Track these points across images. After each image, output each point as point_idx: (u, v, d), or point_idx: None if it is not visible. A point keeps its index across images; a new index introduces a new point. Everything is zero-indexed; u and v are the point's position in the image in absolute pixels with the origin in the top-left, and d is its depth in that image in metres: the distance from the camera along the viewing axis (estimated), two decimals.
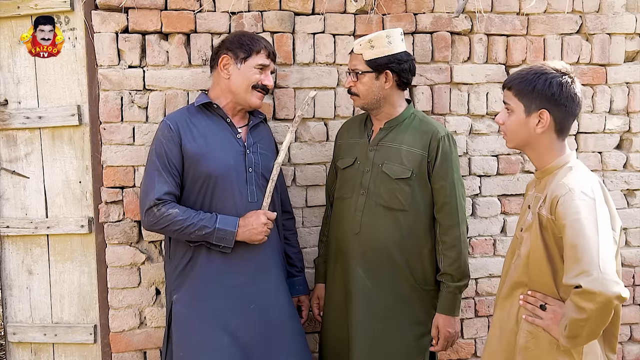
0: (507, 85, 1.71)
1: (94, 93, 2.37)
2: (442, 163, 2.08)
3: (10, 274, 2.52)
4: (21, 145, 2.46)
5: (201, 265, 2.03)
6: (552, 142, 1.67)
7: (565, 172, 1.62)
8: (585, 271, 1.40)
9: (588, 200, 1.50)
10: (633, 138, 2.71)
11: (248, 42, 2.08)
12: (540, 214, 1.61)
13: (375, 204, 2.11)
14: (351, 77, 2.13)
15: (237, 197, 2.05)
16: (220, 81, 2.11)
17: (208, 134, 2.06)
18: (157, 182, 1.99)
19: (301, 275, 2.35)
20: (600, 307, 1.40)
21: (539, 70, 1.65)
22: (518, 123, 1.67)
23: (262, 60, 2.08)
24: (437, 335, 2.13)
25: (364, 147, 2.18)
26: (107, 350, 2.45)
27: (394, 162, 2.10)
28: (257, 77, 2.08)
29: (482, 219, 2.64)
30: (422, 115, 2.21)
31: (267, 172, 2.13)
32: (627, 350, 2.80)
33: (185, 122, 2.06)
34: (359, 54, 2.10)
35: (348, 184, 2.19)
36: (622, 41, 2.66)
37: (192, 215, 1.97)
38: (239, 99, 2.10)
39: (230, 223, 1.99)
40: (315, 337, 2.59)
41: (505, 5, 2.57)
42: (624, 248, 2.75)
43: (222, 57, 2.09)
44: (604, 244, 1.43)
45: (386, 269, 2.11)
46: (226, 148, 2.07)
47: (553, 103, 1.62)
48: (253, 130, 2.17)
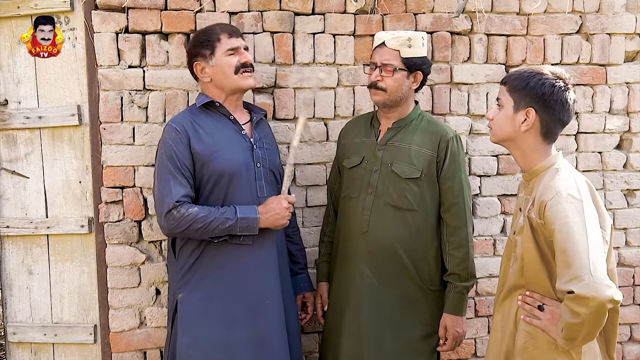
0: (503, 81, 1.73)
1: (94, 93, 2.37)
2: (451, 164, 2.10)
3: (10, 274, 2.52)
4: (21, 145, 2.46)
5: (208, 264, 2.03)
6: (537, 144, 1.67)
7: (552, 174, 1.62)
8: (576, 277, 1.42)
9: (576, 203, 1.51)
10: (633, 138, 2.71)
11: (205, 37, 2.07)
12: (530, 217, 1.62)
13: (384, 203, 2.11)
14: (379, 71, 2.08)
15: (247, 193, 2.05)
16: (207, 85, 2.12)
17: (215, 133, 2.06)
18: (173, 185, 1.96)
19: (305, 272, 2.35)
20: (594, 312, 1.41)
21: (536, 71, 1.66)
22: (505, 118, 1.68)
23: (228, 44, 2.06)
24: (445, 335, 2.14)
25: (371, 146, 2.17)
26: (107, 350, 2.45)
27: (403, 162, 2.10)
28: (233, 61, 2.06)
29: (482, 219, 2.64)
30: (430, 116, 2.23)
31: (273, 167, 2.14)
32: (627, 350, 2.80)
33: (190, 123, 2.05)
34: (395, 50, 2.06)
35: (355, 183, 2.18)
36: (622, 41, 2.66)
37: (212, 211, 1.96)
38: (229, 89, 2.10)
39: (251, 210, 1.99)
40: (315, 337, 2.59)
41: (505, 5, 2.57)
42: (624, 248, 2.75)
43: (194, 65, 2.10)
44: (593, 247, 1.44)
45: (393, 269, 2.11)
46: (234, 145, 2.07)
47: (542, 104, 1.62)
48: (257, 126, 2.17)
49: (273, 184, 2.14)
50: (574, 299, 1.42)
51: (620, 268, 2.73)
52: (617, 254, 2.73)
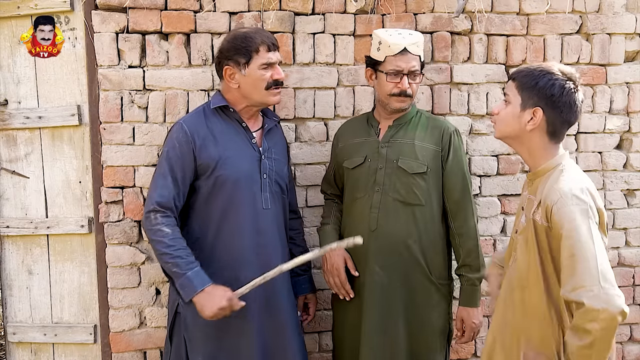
0: (512, 76, 1.69)
1: (94, 93, 2.37)
2: (454, 157, 2.14)
3: (10, 274, 2.52)
4: (21, 145, 2.46)
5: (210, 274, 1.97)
6: (544, 143, 1.66)
7: (557, 175, 1.61)
8: (584, 286, 1.41)
9: (581, 205, 1.50)
10: (633, 138, 2.71)
11: (244, 45, 1.98)
12: (535, 219, 1.61)
13: (392, 199, 2.11)
14: (408, 78, 2.07)
15: (251, 204, 2.01)
16: (231, 89, 2.05)
17: (224, 139, 2.02)
18: (162, 185, 1.96)
19: (307, 273, 2.32)
20: (606, 326, 1.39)
21: (546, 69, 1.63)
22: (512, 115, 1.66)
23: (265, 59, 1.99)
24: (462, 327, 2.17)
25: (373, 145, 2.18)
26: (107, 350, 2.45)
27: (409, 158, 2.11)
28: (266, 77, 1.99)
29: (482, 219, 2.64)
30: (427, 113, 2.27)
31: (279, 178, 2.10)
32: (627, 350, 2.80)
33: (201, 126, 2.01)
34: (417, 55, 2.09)
35: (359, 183, 2.18)
36: (622, 41, 2.66)
37: (177, 246, 1.90)
38: (254, 102, 2.05)
39: (200, 282, 1.88)
40: (315, 337, 2.59)
41: (505, 5, 2.56)
42: (624, 248, 2.75)
43: (224, 69, 2.02)
44: (601, 254, 1.44)
45: (404, 265, 2.12)
46: (242, 154, 2.03)
47: (550, 104, 1.60)
48: (267, 134, 2.13)
49: (278, 195, 2.11)
50: (584, 313, 1.40)
51: (620, 268, 2.73)
52: (617, 254, 2.73)
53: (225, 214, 2.00)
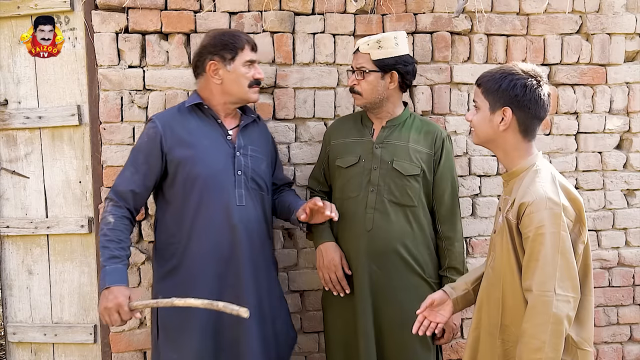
0: (477, 83, 1.74)
1: (94, 93, 2.37)
2: (446, 162, 2.19)
3: (10, 274, 2.52)
4: (21, 145, 2.46)
5: (186, 270, 2.02)
6: (518, 142, 1.69)
7: (532, 176, 1.64)
8: (537, 290, 1.51)
9: (555, 209, 1.54)
10: (633, 138, 2.71)
11: (231, 41, 2.05)
12: (508, 218, 1.64)
13: (387, 200, 2.14)
14: (355, 75, 2.16)
15: (225, 200, 2.02)
16: (211, 85, 2.08)
17: (198, 135, 2.05)
18: (122, 176, 2.03)
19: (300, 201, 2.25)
20: (554, 329, 1.48)
21: (507, 71, 1.68)
22: (484, 119, 1.70)
23: (249, 56, 2.07)
24: (442, 328, 2.16)
25: (367, 145, 2.19)
26: (107, 350, 2.45)
27: (403, 160, 2.15)
28: (249, 75, 2.07)
29: (482, 219, 2.64)
30: (420, 116, 2.30)
31: (256, 175, 2.10)
32: (627, 350, 2.80)
33: (175, 122, 2.04)
34: (366, 53, 2.13)
35: (352, 182, 2.19)
36: (622, 41, 2.66)
37: (110, 237, 1.94)
38: (235, 99, 2.10)
39: (111, 279, 1.88)
40: (315, 337, 2.59)
41: (505, 5, 2.57)
42: (624, 248, 2.74)
43: (209, 64, 2.05)
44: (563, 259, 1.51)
45: (400, 265, 2.14)
46: (215, 150, 2.05)
47: (516, 104, 1.64)
48: (244, 131, 2.14)
49: (255, 192, 2.10)
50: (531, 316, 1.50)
51: (620, 268, 2.74)
52: (617, 254, 2.73)
53: (199, 209, 2.02)
